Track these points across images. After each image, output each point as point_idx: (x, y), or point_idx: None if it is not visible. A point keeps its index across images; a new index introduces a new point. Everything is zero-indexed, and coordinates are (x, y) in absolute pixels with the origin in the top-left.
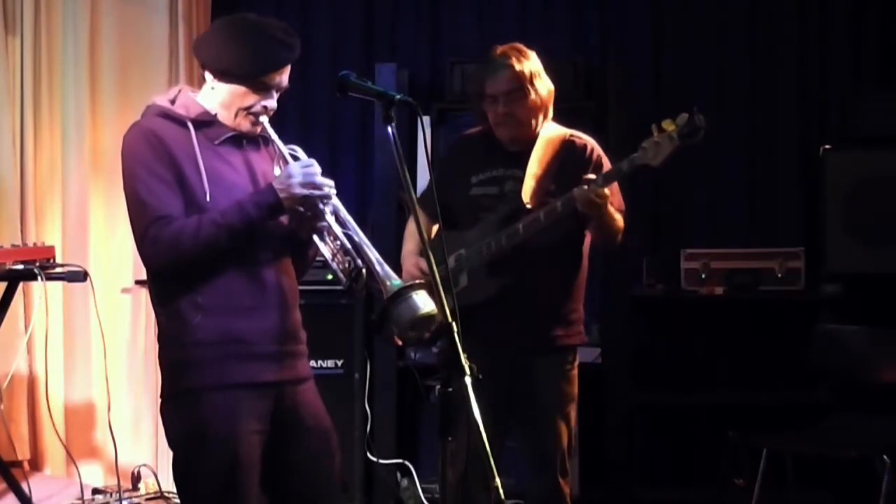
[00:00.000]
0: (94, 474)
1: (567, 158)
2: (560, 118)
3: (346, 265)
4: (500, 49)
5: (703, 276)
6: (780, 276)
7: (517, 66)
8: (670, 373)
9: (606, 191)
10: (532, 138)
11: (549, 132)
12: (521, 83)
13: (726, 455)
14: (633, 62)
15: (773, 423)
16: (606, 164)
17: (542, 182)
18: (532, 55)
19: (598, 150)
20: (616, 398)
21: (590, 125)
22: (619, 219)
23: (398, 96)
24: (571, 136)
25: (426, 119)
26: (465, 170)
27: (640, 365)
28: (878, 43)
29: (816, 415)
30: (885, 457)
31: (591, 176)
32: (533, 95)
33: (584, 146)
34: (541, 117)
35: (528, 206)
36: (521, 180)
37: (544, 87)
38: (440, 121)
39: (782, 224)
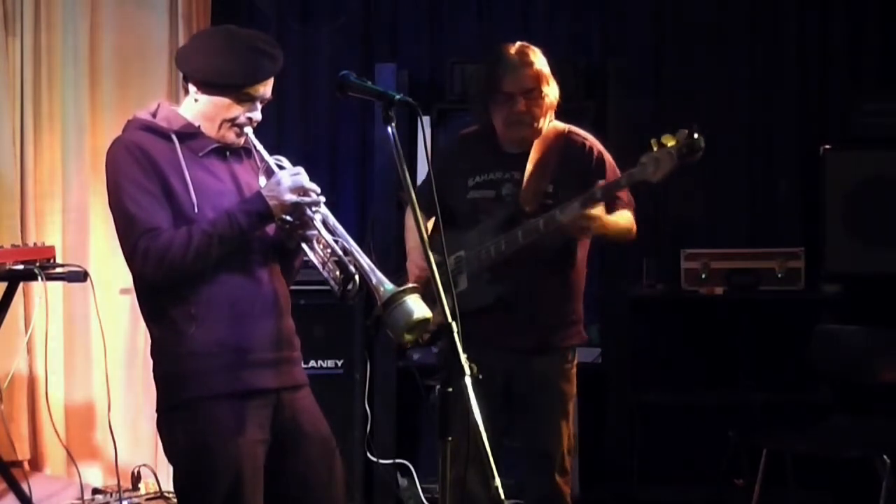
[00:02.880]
0: (94, 474)
1: (565, 157)
2: (559, 118)
3: (338, 273)
4: (514, 47)
5: (703, 276)
6: (780, 276)
7: (536, 65)
8: (670, 373)
9: (595, 210)
10: (534, 137)
11: (546, 129)
12: (539, 83)
13: (726, 455)
14: (633, 62)
15: (773, 423)
16: (608, 160)
17: (539, 185)
18: (542, 55)
19: (598, 147)
20: (616, 398)
21: (589, 125)
22: (621, 223)
23: (398, 96)
24: (569, 131)
25: (426, 119)
26: (462, 171)
27: (640, 365)
28: (878, 43)
29: (816, 415)
30: (885, 457)
31: (602, 182)
32: (550, 95)
33: (584, 144)
34: (549, 118)
35: (526, 210)
36: (518, 183)
37: (555, 87)
38: (440, 121)
39: (782, 224)
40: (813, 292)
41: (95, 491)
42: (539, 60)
